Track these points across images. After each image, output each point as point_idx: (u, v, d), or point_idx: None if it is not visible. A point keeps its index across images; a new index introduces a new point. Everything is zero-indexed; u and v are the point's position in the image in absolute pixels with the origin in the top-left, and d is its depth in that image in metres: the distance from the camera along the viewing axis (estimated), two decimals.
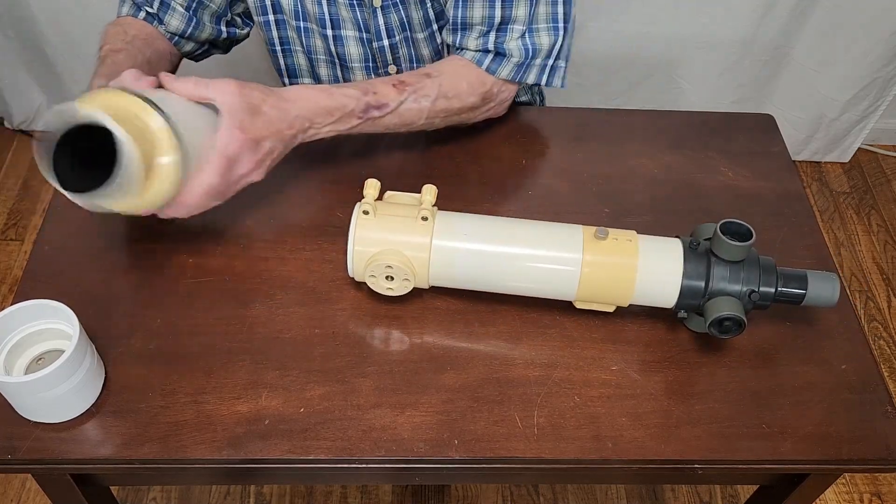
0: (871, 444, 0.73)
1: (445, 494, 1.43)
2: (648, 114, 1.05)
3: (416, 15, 0.96)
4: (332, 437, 0.71)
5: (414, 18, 0.97)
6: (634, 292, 0.76)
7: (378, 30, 0.97)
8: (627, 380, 0.77)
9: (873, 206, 1.98)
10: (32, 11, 1.69)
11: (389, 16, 0.95)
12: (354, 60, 1.02)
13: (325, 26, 0.98)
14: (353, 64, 1.02)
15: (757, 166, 0.98)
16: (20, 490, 1.41)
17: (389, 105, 0.85)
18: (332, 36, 0.99)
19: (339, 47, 1.00)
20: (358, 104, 0.83)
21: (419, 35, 0.99)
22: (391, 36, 0.98)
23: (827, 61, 1.78)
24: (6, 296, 1.69)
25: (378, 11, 0.95)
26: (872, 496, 1.48)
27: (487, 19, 0.88)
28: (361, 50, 1.00)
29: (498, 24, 0.89)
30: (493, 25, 0.89)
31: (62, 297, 0.71)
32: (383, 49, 0.99)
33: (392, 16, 0.95)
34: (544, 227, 0.78)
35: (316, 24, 0.98)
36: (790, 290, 0.75)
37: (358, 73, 1.03)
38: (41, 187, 1.89)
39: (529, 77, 0.92)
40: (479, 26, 0.89)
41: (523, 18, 0.88)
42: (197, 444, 0.70)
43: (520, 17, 0.88)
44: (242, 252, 0.85)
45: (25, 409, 0.70)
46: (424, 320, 0.80)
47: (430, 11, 0.96)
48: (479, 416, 0.73)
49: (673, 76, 1.82)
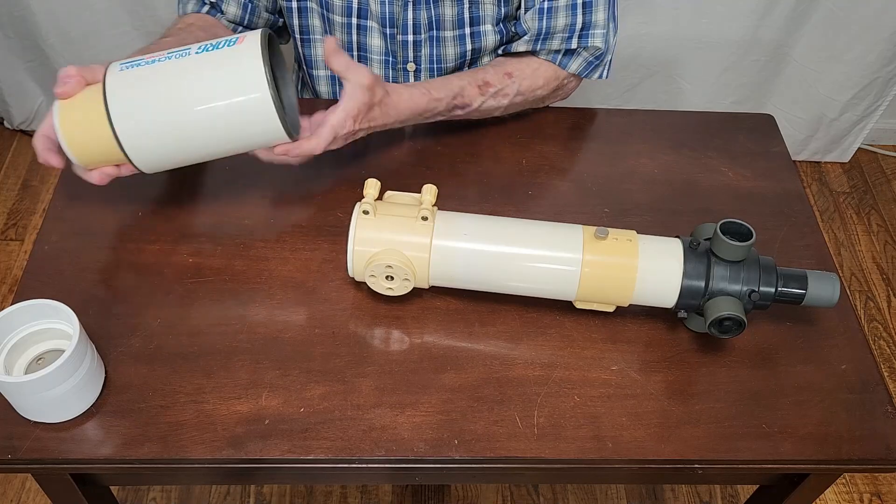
0: (871, 444, 0.73)
1: (445, 494, 1.43)
2: (648, 114, 1.05)
3: (448, 13, 0.97)
4: (332, 437, 0.71)
5: (446, 16, 0.97)
6: (634, 292, 0.76)
7: (405, 24, 0.97)
8: (627, 380, 0.77)
9: (873, 206, 1.98)
10: (32, 11, 1.69)
11: (419, 11, 0.96)
12: (375, 53, 1.02)
13: (350, 14, 0.98)
14: (373, 56, 1.02)
15: (757, 166, 0.98)
16: (20, 490, 1.41)
17: (472, 105, 0.93)
18: (357, 25, 0.99)
19: (362, 37, 1.00)
20: (447, 106, 0.91)
21: (447, 34, 0.99)
22: (417, 33, 0.98)
23: (827, 61, 1.78)
24: (6, 296, 1.69)
25: (409, 5, 0.95)
26: (872, 496, 1.48)
27: (570, 26, 0.94)
28: (383, 43, 1.00)
29: (580, 30, 0.94)
30: (575, 31, 0.94)
31: (62, 297, 0.71)
32: (406, 44, 0.99)
33: (422, 12, 0.96)
34: (544, 226, 0.78)
35: (342, 15, 0.98)
36: (790, 290, 0.75)
37: (376, 66, 1.03)
38: (41, 187, 1.89)
39: (595, 73, 1.00)
40: (560, 34, 0.94)
41: (603, 22, 0.94)
42: (197, 444, 0.70)
43: (600, 21, 0.94)
44: (242, 252, 0.85)
45: (25, 409, 0.70)
46: (424, 320, 0.80)
47: (465, 12, 0.97)
48: (479, 416, 0.73)
49: (673, 76, 1.82)
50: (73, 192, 0.89)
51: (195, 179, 0.92)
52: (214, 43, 0.72)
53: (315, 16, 1.01)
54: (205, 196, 0.90)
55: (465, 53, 1.01)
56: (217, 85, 0.71)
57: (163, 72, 0.71)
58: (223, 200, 0.90)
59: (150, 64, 0.71)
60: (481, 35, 1.00)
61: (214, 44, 0.72)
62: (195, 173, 0.92)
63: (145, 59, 0.72)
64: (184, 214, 0.88)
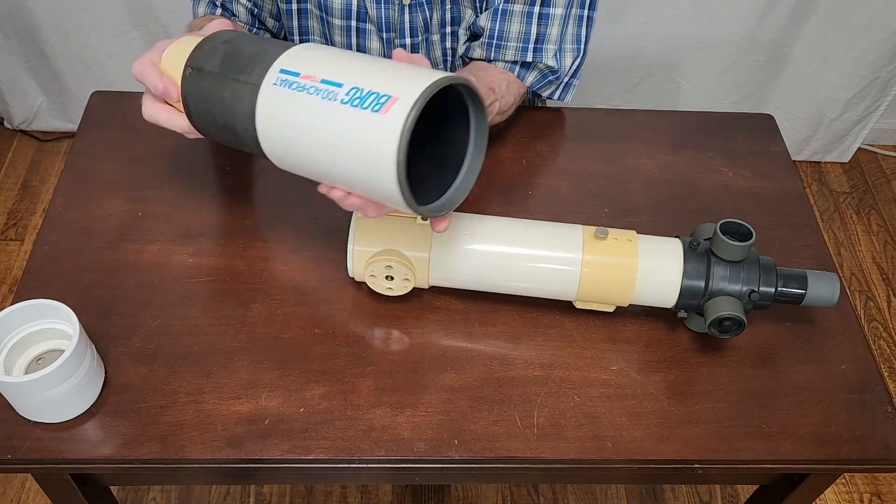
0: (871, 444, 0.73)
1: (445, 494, 1.43)
2: (648, 114, 1.05)
3: (435, 15, 0.97)
4: (331, 437, 0.71)
5: (433, 19, 0.97)
6: (634, 292, 0.76)
7: (402, 28, 0.97)
8: (627, 380, 0.77)
9: (873, 206, 1.98)
10: (32, 11, 1.69)
11: (416, 15, 0.96)
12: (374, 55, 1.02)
13: (349, 17, 0.98)
14: None
15: (757, 166, 0.98)
16: (20, 490, 1.41)
17: None
18: (356, 28, 0.99)
19: (361, 40, 1.00)
20: None
21: (434, 36, 0.99)
22: (414, 35, 0.98)
23: (827, 61, 1.78)
24: (6, 296, 1.69)
25: (406, 10, 0.95)
26: (872, 496, 1.48)
27: (524, 35, 0.93)
28: (381, 46, 1.00)
29: (534, 41, 0.93)
30: (529, 42, 0.93)
31: (62, 297, 0.71)
32: (404, 48, 0.99)
33: (418, 15, 0.96)
34: (544, 226, 0.78)
35: (340, 18, 0.98)
36: (790, 290, 0.75)
37: None
38: (41, 187, 1.89)
39: (547, 90, 0.99)
40: (514, 43, 0.93)
41: (555, 38, 0.93)
42: (197, 444, 0.70)
43: (553, 35, 0.93)
44: (242, 252, 0.85)
45: (25, 409, 0.70)
46: (424, 320, 0.80)
47: (447, 14, 0.97)
48: (479, 416, 0.73)
49: (673, 76, 1.82)
50: (73, 192, 0.89)
51: (195, 180, 0.92)
52: (364, 94, 0.62)
53: (314, 18, 1.02)
54: (205, 196, 0.90)
55: (446, 52, 1.02)
56: (353, 153, 0.63)
57: (306, 111, 0.65)
58: (223, 200, 0.90)
59: (297, 91, 0.67)
60: (458, 37, 1.00)
61: (363, 96, 0.62)
62: (195, 173, 0.93)
63: (297, 81, 0.66)
64: (184, 214, 0.88)
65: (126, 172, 0.91)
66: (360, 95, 0.63)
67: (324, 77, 0.65)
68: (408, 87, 0.60)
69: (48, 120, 1.96)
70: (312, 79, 0.65)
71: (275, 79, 0.66)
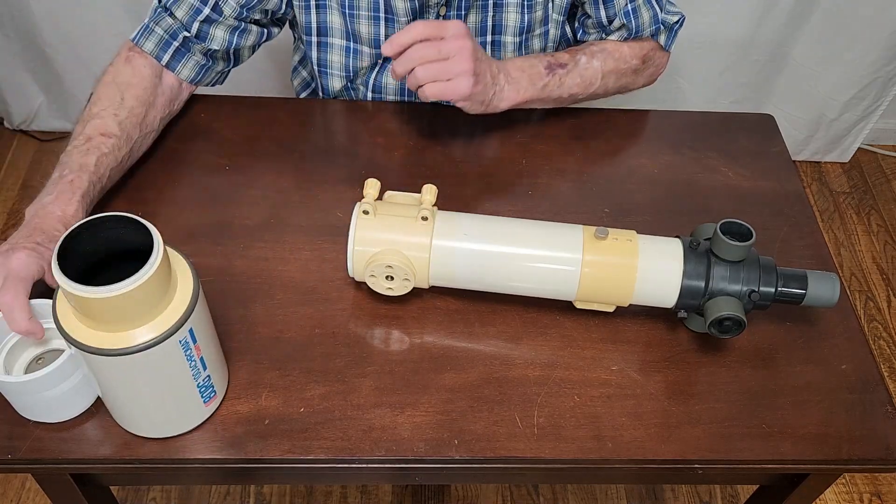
0: (871, 444, 0.73)
1: (445, 494, 1.43)
2: (648, 114, 1.05)
3: (474, 19, 0.97)
4: (332, 437, 0.71)
5: (470, 23, 0.97)
6: (634, 292, 0.76)
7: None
8: (627, 380, 0.77)
9: (873, 206, 1.98)
10: (32, 11, 1.69)
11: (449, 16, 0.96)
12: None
13: (377, 9, 0.96)
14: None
15: (757, 166, 0.98)
16: (20, 490, 1.41)
17: (568, 64, 0.96)
18: (385, 19, 0.97)
19: (390, 29, 0.97)
20: (542, 62, 0.94)
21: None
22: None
23: (827, 61, 1.78)
24: None
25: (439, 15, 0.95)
26: (872, 496, 1.48)
27: (654, 17, 0.99)
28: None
29: (661, 13, 0.99)
30: (659, 18, 0.99)
31: None
32: None
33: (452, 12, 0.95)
34: (544, 226, 0.78)
35: (367, 10, 0.96)
36: (790, 290, 0.75)
37: None
38: (41, 187, 1.89)
39: (673, 42, 1.03)
40: (649, 27, 0.99)
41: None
42: (197, 444, 0.70)
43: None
44: (242, 252, 0.85)
45: (25, 409, 0.70)
46: (424, 320, 0.80)
47: (489, 20, 0.97)
48: (479, 416, 0.73)
49: (673, 76, 1.82)
50: None
51: (195, 180, 0.92)
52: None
53: (335, 13, 0.97)
54: (205, 196, 0.90)
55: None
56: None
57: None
58: (223, 200, 0.90)
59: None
60: (501, 45, 1.00)
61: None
62: (195, 173, 0.93)
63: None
64: (184, 214, 0.88)
65: (126, 172, 0.91)
66: None
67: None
68: None
69: (48, 120, 1.96)
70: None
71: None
